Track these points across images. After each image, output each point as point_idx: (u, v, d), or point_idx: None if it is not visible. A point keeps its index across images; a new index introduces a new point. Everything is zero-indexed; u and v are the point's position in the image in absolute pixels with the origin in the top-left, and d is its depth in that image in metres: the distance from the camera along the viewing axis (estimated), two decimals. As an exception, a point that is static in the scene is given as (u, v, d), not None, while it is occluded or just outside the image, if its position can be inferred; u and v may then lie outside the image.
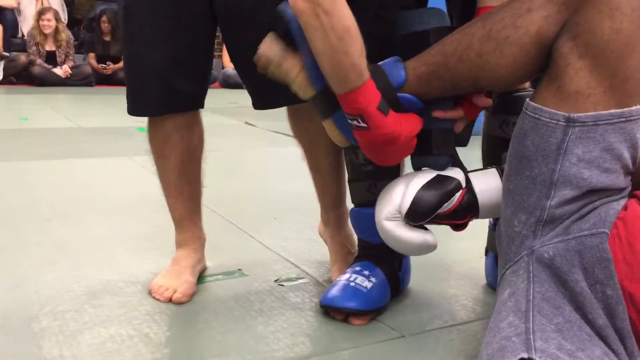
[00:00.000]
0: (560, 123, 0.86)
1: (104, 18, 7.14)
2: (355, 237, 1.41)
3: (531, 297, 0.86)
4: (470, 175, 1.04)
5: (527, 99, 0.91)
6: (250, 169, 2.88)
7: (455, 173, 1.02)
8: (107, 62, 7.15)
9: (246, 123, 4.18)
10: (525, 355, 0.81)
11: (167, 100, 1.27)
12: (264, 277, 1.45)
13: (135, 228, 1.80)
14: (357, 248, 1.42)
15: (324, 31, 0.91)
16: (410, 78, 0.97)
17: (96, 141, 3.35)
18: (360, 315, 1.21)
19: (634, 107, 0.85)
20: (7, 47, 6.88)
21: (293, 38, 0.97)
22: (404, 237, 1.00)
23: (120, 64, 7.21)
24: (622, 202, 0.89)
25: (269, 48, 0.99)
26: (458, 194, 0.99)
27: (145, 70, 1.25)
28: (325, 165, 1.41)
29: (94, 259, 1.53)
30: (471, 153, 1.11)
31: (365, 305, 1.21)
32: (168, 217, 1.42)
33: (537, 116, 0.88)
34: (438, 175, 1.00)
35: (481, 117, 1.32)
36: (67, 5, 7.77)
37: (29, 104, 5.10)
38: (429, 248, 1.04)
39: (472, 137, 1.38)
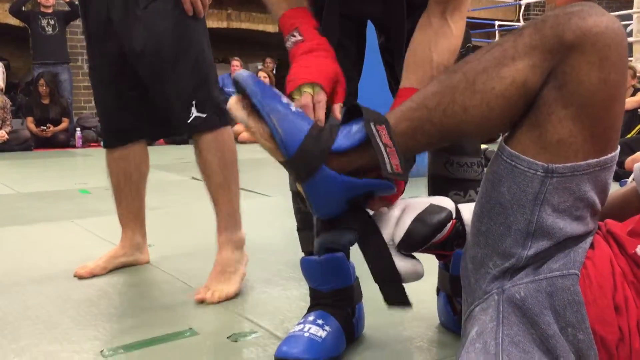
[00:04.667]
0: (539, 173, 0.84)
1: (42, 82, 6.96)
2: (241, 260, 1.69)
3: (500, 340, 0.84)
4: (460, 206, 1.03)
5: (502, 142, 0.89)
6: (197, 224, 2.82)
7: (446, 203, 1.02)
8: (47, 125, 6.99)
9: (192, 178, 4.13)
10: None
11: (107, 137, 1.95)
12: (216, 335, 1.41)
13: (79, 294, 1.73)
14: (236, 268, 1.68)
15: None
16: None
17: (36, 206, 3.23)
18: (317, 365, 1.19)
19: (608, 155, 0.85)
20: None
21: (254, 104, 0.92)
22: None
23: (60, 126, 7.09)
24: (590, 239, 0.88)
25: (235, 107, 0.93)
26: (449, 225, 0.99)
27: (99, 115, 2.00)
28: (213, 192, 1.73)
29: (35, 329, 1.46)
30: (415, 194, 1.12)
31: (320, 355, 1.19)
32: (113, 280, 1.37)
33: (514, 163, 0.86)
34: (431, 205, 1.00)
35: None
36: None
37: (-36, 172, 4.91)
38: (418, 276, 1.02)
39: (417, 178, 1.40)
